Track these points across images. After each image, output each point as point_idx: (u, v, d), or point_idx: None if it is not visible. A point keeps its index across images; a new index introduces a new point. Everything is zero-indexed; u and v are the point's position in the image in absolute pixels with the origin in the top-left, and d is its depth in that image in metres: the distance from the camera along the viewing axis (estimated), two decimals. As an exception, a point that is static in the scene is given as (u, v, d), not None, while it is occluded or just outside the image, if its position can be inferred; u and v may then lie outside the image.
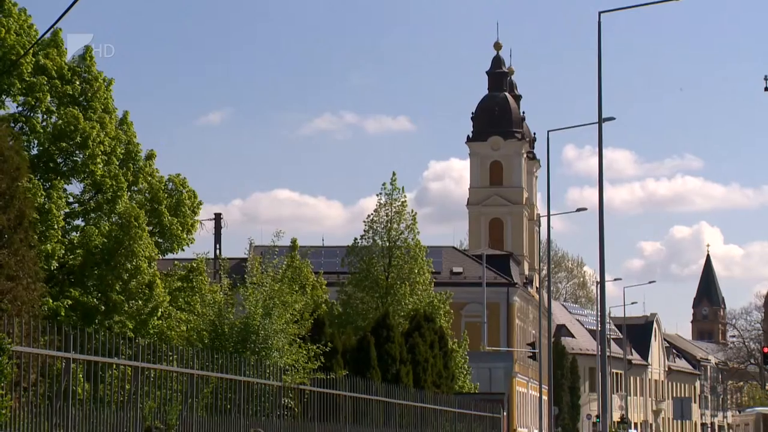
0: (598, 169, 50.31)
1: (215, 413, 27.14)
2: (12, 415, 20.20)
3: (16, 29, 42.16)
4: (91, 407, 22.96)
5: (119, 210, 42.93)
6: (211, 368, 28.35)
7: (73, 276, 41.50)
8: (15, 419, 20.33)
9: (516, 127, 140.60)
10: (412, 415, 40.97)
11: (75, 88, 43.66)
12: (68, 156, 43.49)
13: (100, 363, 23.69)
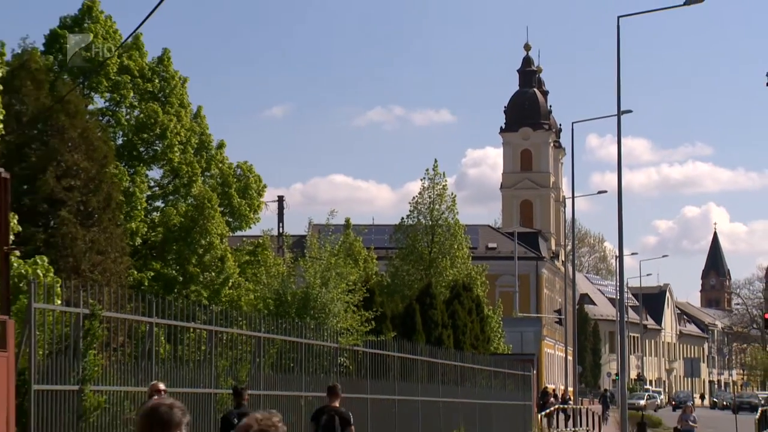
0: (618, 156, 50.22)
1: (280, 371, 27.22)
2: (103, 372, 20.36)
3: (103, 34, 42.41)
4: (171, 365, 23.08)
5: (194, 193, 43.12)
6: (276, 332, 28.48)
7: (154, 251, 41.73)
8: (105, 376, 20.47)
9: (544, 119, 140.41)
10: (453, 373, 40.96)
11: (155, 86, 43.91)
12: (149, 145, 43.74)
13: (178, 327, 23.81)
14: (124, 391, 21.27)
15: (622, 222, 50.27)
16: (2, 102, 29.75)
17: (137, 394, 21.66)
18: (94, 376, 19.97)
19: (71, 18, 42.85)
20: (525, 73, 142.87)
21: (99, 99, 42.92)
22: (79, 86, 39.26)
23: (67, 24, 42.76)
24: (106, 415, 20.46)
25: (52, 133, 32.90)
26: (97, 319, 20.33)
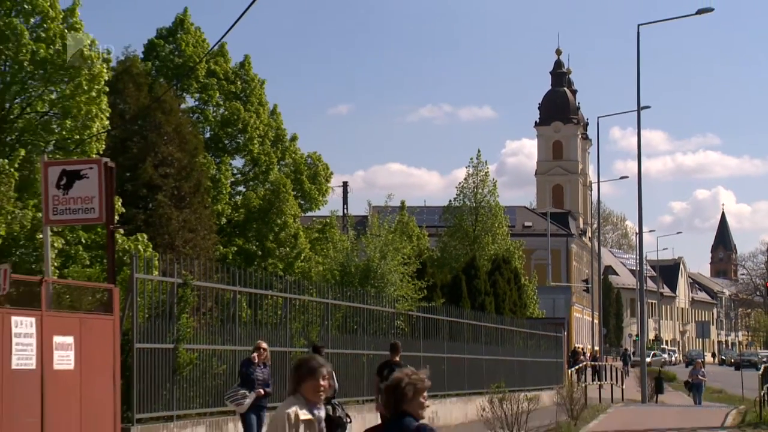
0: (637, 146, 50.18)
1: (345, 333, 27.38)
2: (194, 333, 20.60)
3: (193, 42, 42.70)
4: (252, 328, 23.25)
5: (271, 179, 43.36)
6: (341, 298, 28.63)
7: (237, 229, 41.99)
8: (196, 336, 20.72)
9: (573, 114, 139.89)
10: (494, 334, 41.01)
11: (237, 87, 44.17)
12: (232, 138, 44.01)
13: (258, 294, 23.98)
14: (212, 350, 21.52)
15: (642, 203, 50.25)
16: (108, 102, 30.05)
17: (224, 352, 21.91)
18: (186, 336, 20.22)
19: (166, 29, 43.19)
20: (556, 75, 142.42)
21: (190, 99, 43.31)
22: (173, 88, 39.49)
23: (163, 34, 43.11)
24: (197, 369, 20.72)
25: (150, 129, 33.20)
26: (189, 288, 20.58)
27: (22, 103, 29.76)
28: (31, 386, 16.07)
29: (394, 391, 8.06)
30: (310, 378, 8.40)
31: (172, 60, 42.45)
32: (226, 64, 44.05)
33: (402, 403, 8.02)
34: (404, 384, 8.04)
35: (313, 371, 8.43)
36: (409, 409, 8.04)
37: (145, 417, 18.72)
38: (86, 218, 19.30)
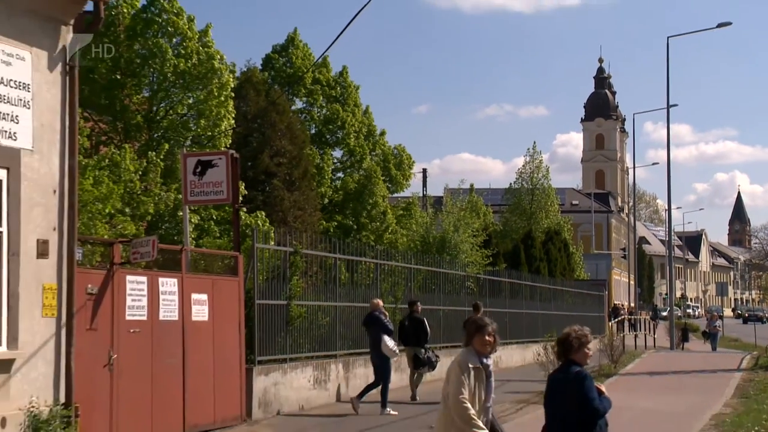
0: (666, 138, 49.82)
1: (424, 292, 27.50)
2: (303, 292, 20.79)
3: (302, 56, 42.92)
4: (349, 288, 23.43)
5: (364, 167, 43.53)
6: (422, 264, 28.76)
7: (337, 207, 42.21)
8: (304, 294, 20.89)
9: (612, 111, 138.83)
10: (547, 293, 41.00)
11: (337, 92, 44.32)
12: (333, 134, 44.20)
13: (354, 260, 24.18)
14: (317, 305, 21.69)
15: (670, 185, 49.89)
16: (234, 105, 30.36)
17: (326, 308, 22.10)
18: (296, 294, 20.42)
19: (280, 45, 43.46)
20: (599, 79, 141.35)
21: (299, 102, 43.51)
22: (285, 93, 39.75)
23: (277, 50, 43.36)
24: (305, 321, 20.92)
25: (266, 126, 33.47)
26: (299, 255, 20.78)
27: (166, 106, 30.17)
28: (175, 334, 16.38)
29: (563, 343, 8.64)
30: (478, 334, 8.74)
31: (284, 70, 42.72)
32: (328, 74, 44.23)
33: (569, 353, 8.57)
34: (571, 338, 8.55)
35: (481, 328, 8.75)
36: (575, 358, 8.55)
37: (264, 359, 18.98)
38: (216, 199, 19.59)
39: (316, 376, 20.95)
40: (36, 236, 13.50)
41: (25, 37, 13.46)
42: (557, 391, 8.62)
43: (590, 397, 8.37)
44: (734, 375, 30.19)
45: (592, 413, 8.37)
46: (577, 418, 8.35)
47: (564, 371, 8.60)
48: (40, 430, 13.06)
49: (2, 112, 13.06)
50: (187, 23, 29.21)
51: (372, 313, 20.32)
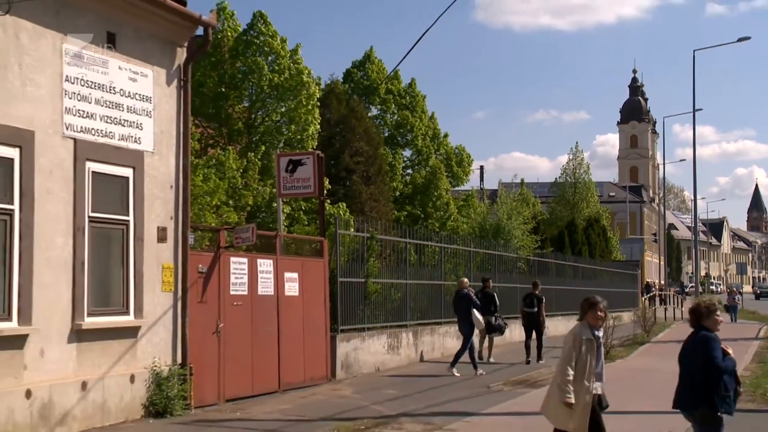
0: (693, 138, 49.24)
1: (482, 271, 27.46)
2: (378, 271, 20.86)
3: (376, 70, 42.93)
4: (417, 268, 23.45)
5: (430, 164, 43.36)
6: (479, 247, 28.72)
7: (406, 199, 42.13)
8: (379, 273, 20.95)
9: (645, 115, 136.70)
10: (588, 273, 40.72)
11: (407, 101, 44.15)
12: (403, 136, 44.05)
13: (421, 244, 24.22)
14: (390, 282, 21.73)
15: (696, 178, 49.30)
16: (319, 112, 30.51)
17: (398, 285, 22.11)
18: (373, 273, 20.49)
19: (358, 61, 43.41)
20: (633, 87, 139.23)
21: (374, 109, 43.46)
22: (363, 102, 39.81)
23: (356, 65, 43.31)
24: (380, 296, 21.01)
25: (347, 130, 33.53)
26: (374, 240, 20.85)
27: (263, 114, 30.38)
28: (270, 306, 16.57)
29: (694, 312, 8.87)
30: (592, 310, 8.78)
31: (362, 83, 42.71)
32: (399, 85, 44.12)
33: (700, 320, 8.78)
34: (701, 307, 8.79)
35: (594, 305, 8.77)
36: (705, 324, 8.76)
37: (345, 328, 19.09)
38: (305, 192, 19.69)
39: (390, 342, 21.06)
40: (156, 224, 13.76)
41: (148, 58, 13.72)
42: (688, 352, 8.80)
43: (714, 356, 8.51)
44: (753, 343, 29.80)
45: (715, 370, 8.49)
46: (704, 375, 8.51)
47: (694, 335, 8.82)
48: (161, 385, 13.34)
49: (129, 120, 13.33)
50: (280, 44, 29.41)
51: (461, 291, 20.23)
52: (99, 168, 12.71)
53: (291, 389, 16.60)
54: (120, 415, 12.81)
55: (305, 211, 28.42)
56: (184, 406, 13.60)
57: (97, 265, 12.67)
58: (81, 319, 12.25)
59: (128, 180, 13.25)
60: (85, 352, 12.35)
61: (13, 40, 11.45)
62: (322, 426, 12.78)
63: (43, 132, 11.85)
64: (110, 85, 12.96)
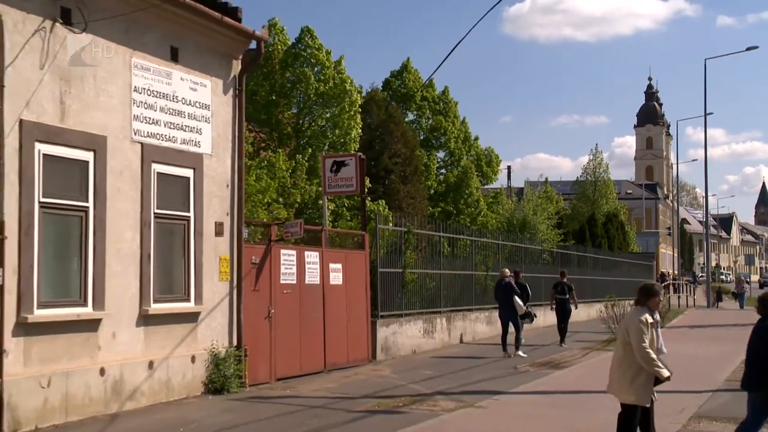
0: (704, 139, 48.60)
1: (510, 262, 27.40)
2: (414, 262, 20.86)
3: (413, 79, 42.91)
4: (450, 259, 23.44)
5: (462, 165, 43.26)
6: (507, 240, 28.64)
7: (440, 197, 42.08)
8: (415, 264, 20.96)
9: (659, 119, 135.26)
10: (607, 264, 40.45)
11: (440, 107, 44.01)
12: (437, 139, 43.95)
13: (454, 237, 24.20)
14: (425, 272, 21.74)
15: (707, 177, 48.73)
16: (361, 118, 30.59)
17: (432, 274, 22.13)
18: (409, 264, 20.50)
19: (396, 71, 43.38)
20: (648, 93, 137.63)
21: (411, 114, 43.42)
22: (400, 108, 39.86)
23: (394, 74, 43.31)
24: (416, 285, 21.04)
25: (386, 134, 33.59)
26: (411, 234, 20.86)
27: (309, 120, 30.51)
28: (317, 294, 16.66)
29: (762, 301, 9.23)
30: (653, 296, 8.81)
31: (399, 90, 42.71)
32: (433, 92, 44.04)
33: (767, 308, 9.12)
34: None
35: (656, 293, 8.82)
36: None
37: (385, 314, 19.12)
38: (347, 190, 19.76)
39: (425, 327, 21.08)
40: (214, 220, 13.89)
41: (207, 70, 13.85)
42: (755, 337, 9.08)
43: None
44: (760, 329, 29.41)
45: None
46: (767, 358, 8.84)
47: (762, 322, 9.09)
48: (219, 365, 13.48)
49: (190, 126, 13.47)
50: (325, 56, 29.51)
51: (502, 280, 20.40)
52: (163, 169, 12.86)
53: (335, 369, 16.68)
54: (182, 392, 12.96)
55: (348, 207, 28.50)
56: (240, 384, 13.73)
57: (162, 257, 12.82)
58: (148, 305, 12.42)
59: (189, 180, 13.39)
60: (152, 334, 12.51)
61: (89, 55, 11.59)
62: (364, 403, 12.84)
63: (115, 137, 12.02)
64: (173, 94, 13.10)
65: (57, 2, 11.08)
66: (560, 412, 12.19)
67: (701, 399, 13.41)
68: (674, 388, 14.56)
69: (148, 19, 12.51)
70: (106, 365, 11.62)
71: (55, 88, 11.08)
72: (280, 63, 29.39)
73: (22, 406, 10.46)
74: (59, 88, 11.14)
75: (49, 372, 10.80)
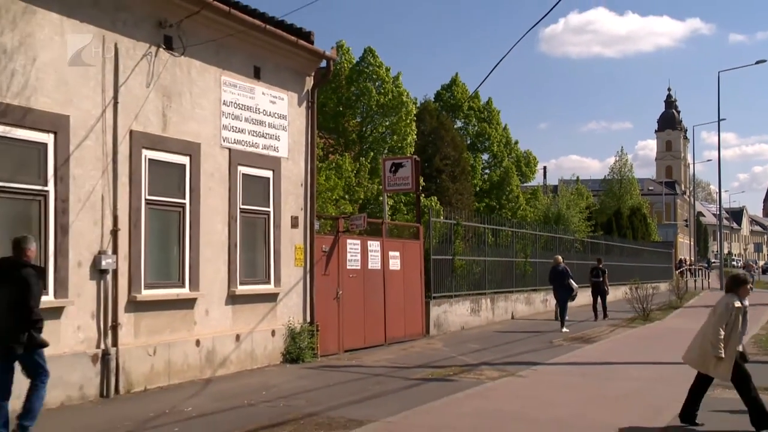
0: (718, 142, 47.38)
1: (546, 250, 27.17)
2: (462, 250, 20.79)
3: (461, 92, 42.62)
4: (494, 248, 23.33)
5: (504, 165, 42.88)
6: (544, 231, 28.41)
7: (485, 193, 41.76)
8: (463, 252, 20.90)
9: (677, 124, 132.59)
10: (632, 251, 39.87)
11: (484, 115, 43.65)
12: (482, 143, 43.59)
13: (497, 229, 24.09)
14: (472, 259, 21.67)
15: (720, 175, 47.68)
16: (415, 125, 30.52)
17: (478, 261, 22.02)
18: (458, 252, 20.45)
19: (445, 85, 43.16)
20: (668, 102, 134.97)
21: (458, 122, 43.14)
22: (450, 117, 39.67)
23: (444, 87, 42.99)
24: (464, 270, 20.98)
25: (437, 139, 33.47)
26: (459, 226, 20.83)
27: (371, 128, 30.50)
28: (378, 278, 16.69)
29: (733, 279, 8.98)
30: (743, 285, 8.81)
31: (449, 101, 42.45)
32: (478, 102, 43.65)
33: None
34: None
35: (745, 282, 8.82)
36: None
37: (437, 295, 19.11)
38: (404, 188, 19.73)
39: (472, 307, 21.02)
40: (290, 214, 14.02)
41: (285, 85, 13.97)
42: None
43: None
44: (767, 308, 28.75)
45: None
46: None
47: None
48: (295, 339, 13.61)
49: (270, 134, 13.60)
50: (385, 72, 29.49)
51: (557, 266, 20.60)
52: (247, 171, 13.02)
53: (394, 343, 16.71)
54: (264, 361, 13.13)
55: (405, 203, 28.49)
56: (313, 354, 13.84)
57: (246, 246, 12.98)
58: (235, 287, 12.59)
59: (269, 180, 13.53)
60: (238, 312, 12.69)
61: (186, 74, 11.82)
62: (419, 371, 12.85)
63: (207, 144, 12.20)
64: (256, 106, 13.24)
65: (161, 31, 11.30)
66: (590, 380, 12.08)
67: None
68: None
69: (235, 44, 12.67)
70: (200, 337, 11.83)
71: (158, 103, 11.30)
72: (346, 78, 29.47)
73: (134, 370, 10.72)
74: (162, 103, 11.36)
75: (154, 342, 11.04)
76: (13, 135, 9.33)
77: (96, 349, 10.24)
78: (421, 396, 10.49)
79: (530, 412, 9.46)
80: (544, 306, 25.98)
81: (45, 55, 9.71)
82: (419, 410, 9.45)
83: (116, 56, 10.62)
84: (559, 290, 20.46)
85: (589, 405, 9.96)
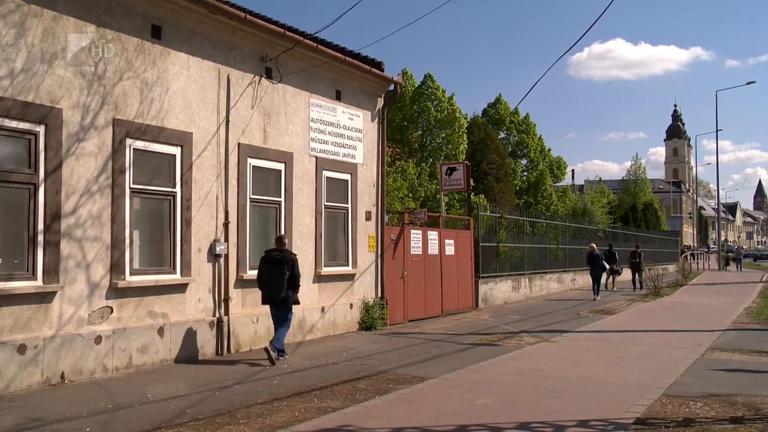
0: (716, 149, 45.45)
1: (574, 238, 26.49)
2: (505, 239, 20.35)
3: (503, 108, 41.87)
4: (531, 237, 22.85)
5: (539, 169, 42.03)
6: (572, 223, 27.67)
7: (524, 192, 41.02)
8: (506, 240, 20.41)
9: (683, 134, 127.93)
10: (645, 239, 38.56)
11: (523, 127, 42.87)
12: (521, 151, 42.81)
13: (534, 221, 23.57)
14: (513, 246, 21.21)
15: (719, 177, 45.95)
16: (466, 136, 30.11)
17: (518, 248, 21.56)
18: (501, 240, 20.09)
19: (491, 103, 42.51)
20: (674, 115, 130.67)
21: (502, 133, 42.45)
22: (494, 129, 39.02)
23: (490, 105, 42.29)
24: (506, 255, 20.59)
25: (484, 147, 32.99)
26: (503, 218, 20.43)
27: (430, 139, 30.25)
28: (436, 261, 16.47)
29: None
30: None
31: (494, 116, 41.78)
32: (518, 117, 42.82)
33: None
34: None
35: None
36: None
37: (484, 275, 18.78)
38: (458, 188, 19.40)
39: (513, 285, 20.62)
40: (364, 209, 13.92)
41: (360, 104, 13.86)
42: None
43: None
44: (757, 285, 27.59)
45: None
46: None
47: None
48: (368, 310, 13.52)
49: (348, 144, 13.51)
50: (441, 93, 29.18)
51: (593, 252, 21.16)
52: (330, 175, 12.96)
53: (449, 314, 16.49)
54: (344, 329, 13.08)
55: (458, 200, 28.19)
56: (383, 323, 13.73)
57: (329, 235, 12.93)
58: (320, 268, 12.56)
59: (347, 182, 13.46)
60: (323, 289, 12.66)
61: (282, 97, 11.82)
62: (470, 337, 12.63)
63: (298, 153, 12.18)
64: (337, 123, 13.17)
65: (263, 64, 11.32)
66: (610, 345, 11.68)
67: (714, 336, 12.74)
68: (695, 328, 13.79)
69: (321, 72, 12.62)
70: (295, 309, 11.83)
71: (260, 121, 11.32)
72: (410, 99, 29.27)
73: (241, 335, 10.79)
74: (263, 120, 11.38)
75: (257, 313, 11.08)
76: (151, 149, 9.52)
77: (212, 317, 10.34)
78: (471, 357, 10.29)
79: (561, 370, 9.21)
80: (572, 284, 25.35)
81: (175, 85, 9.84)
82: (470, 369, 9.30)
83: (228, 85, 10.69)
84: (594, 270, 21.09)
85: (610, 365, 9.68)
